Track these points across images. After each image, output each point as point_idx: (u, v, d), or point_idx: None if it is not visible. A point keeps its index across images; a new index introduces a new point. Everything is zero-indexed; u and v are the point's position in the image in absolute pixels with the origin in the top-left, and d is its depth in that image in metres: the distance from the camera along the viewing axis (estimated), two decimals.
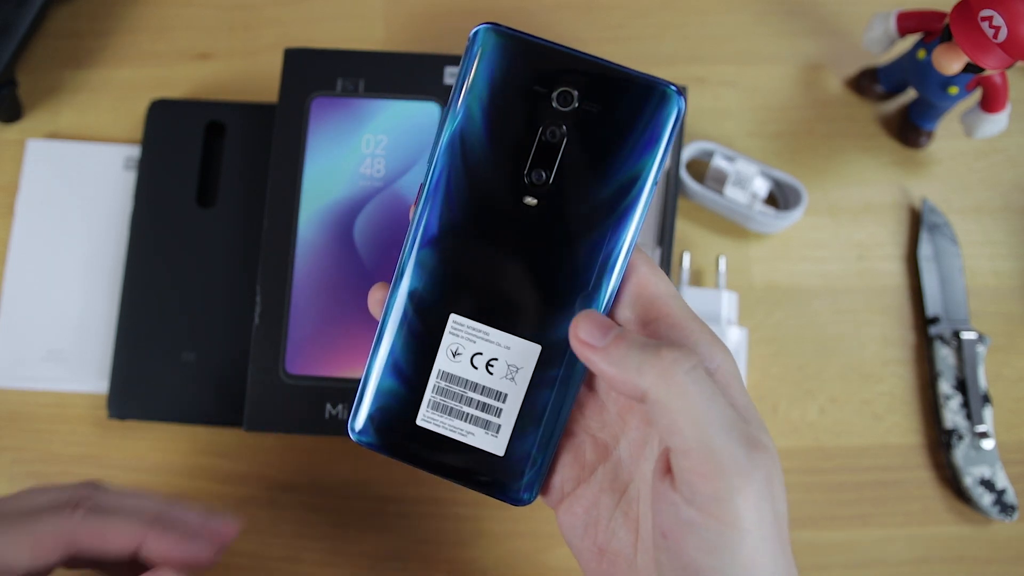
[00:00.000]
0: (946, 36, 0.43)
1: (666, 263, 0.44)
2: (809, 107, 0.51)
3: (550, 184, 0.28)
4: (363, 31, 0.51)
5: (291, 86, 0.44)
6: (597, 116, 0.27)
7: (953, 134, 0.50)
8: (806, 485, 0.45)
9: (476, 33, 0.28)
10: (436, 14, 0.52)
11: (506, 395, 0.29)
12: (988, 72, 0.43)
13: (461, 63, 0.28)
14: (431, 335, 0.29)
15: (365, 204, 0.42)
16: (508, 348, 0.28)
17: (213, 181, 0.46)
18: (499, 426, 0.29)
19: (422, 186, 0.28)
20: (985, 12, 0.40)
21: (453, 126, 0.28)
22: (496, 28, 0.27)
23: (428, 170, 0.28)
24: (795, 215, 0.47)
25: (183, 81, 0.50)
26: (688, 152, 0.48)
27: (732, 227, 0.48)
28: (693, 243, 0.48)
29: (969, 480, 0.44)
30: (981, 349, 0.46)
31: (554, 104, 0.27)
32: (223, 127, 0.47)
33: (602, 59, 0.27)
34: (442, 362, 0.29)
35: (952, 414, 0.45)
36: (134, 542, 0.31)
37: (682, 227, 0.48)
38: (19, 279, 0.45)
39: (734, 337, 0.44)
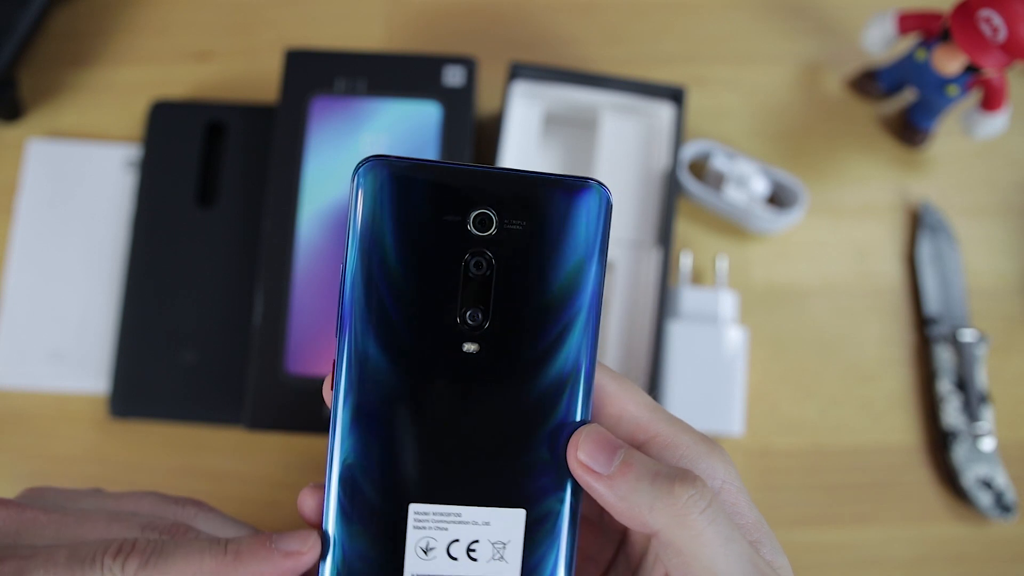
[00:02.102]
0: (945, 36, 0.43)
1: (666, 263, 0.44)
2: (809, 107, 0.51)
3: (489, 324, 0.23)
4: (363, 31, 0.51)
5: (291, 86, 0.44)
6: (524, 233, 0.23)
7: (953, 134, 0.50)
8: (806, 485, 0.45)
9: (359, 170, 0.23)
10: (436, 14, 0.52)
11: None
12: (987, 72, 0.43)
13: (350, 205, 0.23)
14: (392, 535, 0.23)
15: None
16: (488, 524, 0.24)
17: (213, 181, 0.46)
18: None
19: (334, 362, 0.24)
20: (984, 12, 0.40)
21: (357, 286, 0.23)
22: (383, 160, 0.23)
23: (338, 342, 0.23)
24: (795, 215, 0.47)
25: (183, 81, 0.50)
26: (688, 152, 0.48)
27: (732, 227, 0.48)
28: (693, 243, 0.48)
29: (968, 480, 0.44)
30: (980, 349, 0.46)
31: (473, 231, 0.23)
32: (223, 128, 0.47)
33: (510, 168, 0.24)
34: (413, 564, 0.24)
35: (951, 414, 0.45)
36: None
37: (682, 227, 0.48)
38: (20, 279, 0.45)
39: (734, 337, 0.44)
